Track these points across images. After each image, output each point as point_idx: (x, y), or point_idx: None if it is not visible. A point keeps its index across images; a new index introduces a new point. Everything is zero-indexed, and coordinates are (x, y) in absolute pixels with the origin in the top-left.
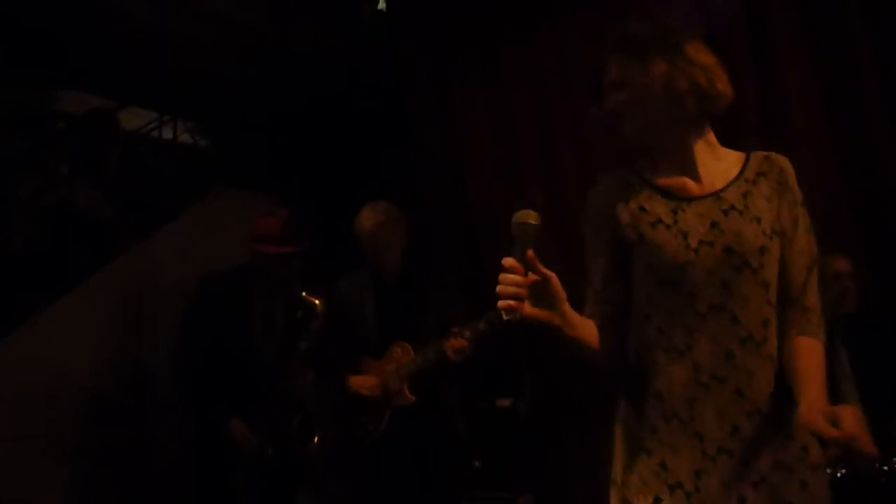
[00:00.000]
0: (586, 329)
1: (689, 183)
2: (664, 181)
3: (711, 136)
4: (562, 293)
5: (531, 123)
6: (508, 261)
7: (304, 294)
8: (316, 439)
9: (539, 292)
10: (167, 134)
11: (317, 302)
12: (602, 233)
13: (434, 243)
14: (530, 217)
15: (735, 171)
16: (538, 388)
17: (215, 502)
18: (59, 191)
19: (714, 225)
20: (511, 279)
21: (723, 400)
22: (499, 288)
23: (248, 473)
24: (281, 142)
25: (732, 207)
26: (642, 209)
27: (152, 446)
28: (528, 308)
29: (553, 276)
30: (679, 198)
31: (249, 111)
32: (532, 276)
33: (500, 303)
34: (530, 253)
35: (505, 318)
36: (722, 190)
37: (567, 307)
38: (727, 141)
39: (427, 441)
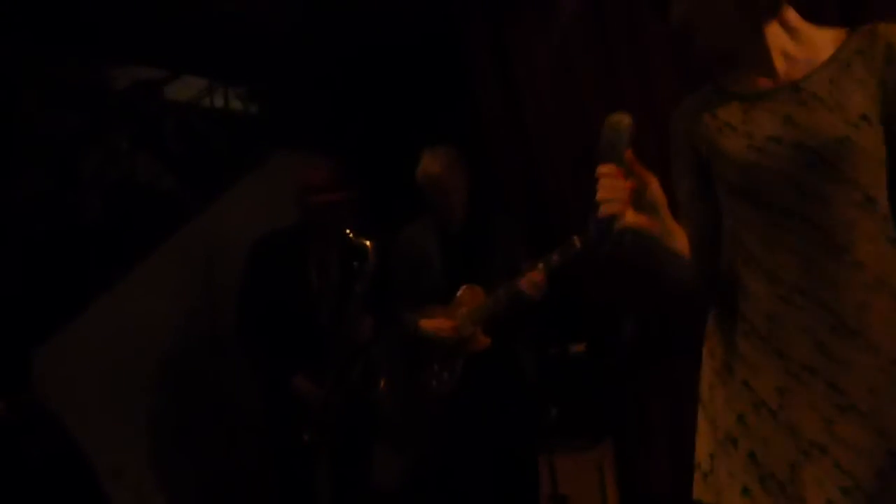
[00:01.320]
0: (685, 242)
1: (762, 79)
2: (739, 83)
3: (792, 19)
4: (662, 197)
5: (591, 59)
6: (605, 168)
7: (353, 237)
8: (382, 384)
9: (639, 197)
10: (218, 102)
11: (367, 243)
12: (684, 153)
13: (494, 190)
14: (624, 119)
15: (825, 55)
16: (637, 322)
17: (292, 461)
18: (121, 166)
19: (787, 119)
20: (611, 184)
21: (805, 315)
22: (599, 195)
23: (318, 429)
24: (334, 99)
25: (814, 96)
26: (716, 118)
27: (230, 408)
28: (629, 216)
29: (654, 178)
30: (752, 96)
31: (299, 71)
32: (631, 182)
33: (603, 208)
34: (629, 154)
35: (615, 227)
36: (802, 79)
37: (668, 213)
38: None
39: (502, 388)
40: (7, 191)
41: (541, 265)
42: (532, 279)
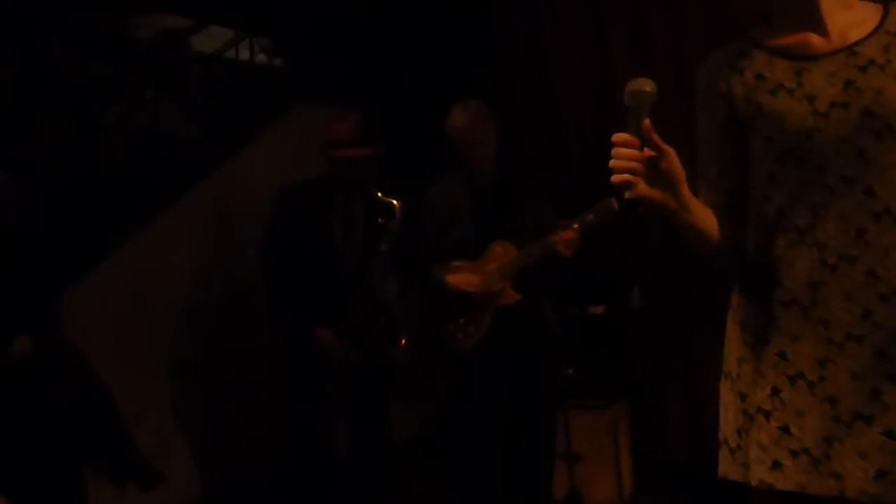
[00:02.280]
0: (705, 217)
1: (814, 38)
2: (784, 41)
3: None
4: (681, 172)
5: (620, 17)
6: (620, 136)
7: (380, 195)
8: (403, 342)
9: (655, 170)
10: (244, 55)
11: (395, 202)
12: (715, 113)
13: (519, 148)
14: (645, 84)
15: (873, 23)
16: (652, 280)
17: (310, 411)
18: (145, 114)
19: (849, 84)
20: (626, 153)
21: (852, 282)
22: (612, 162)
23: (338, 381)
24: (358, 54)
25: (872, 62)
26: (760, 77)
27: (248, 357)
28: (643, 187)
29: (671, 151)
30: (803, 57)
31: (324, 24)
32: (648, 152)
33: (615, 177)
34: (647, 123)
35: (626, 196)
36: (857, 43)
37: (685, 189)
38: None
39: (526, 345)
40: (33, 138)
41: (576, 224)
42: (566, 237)
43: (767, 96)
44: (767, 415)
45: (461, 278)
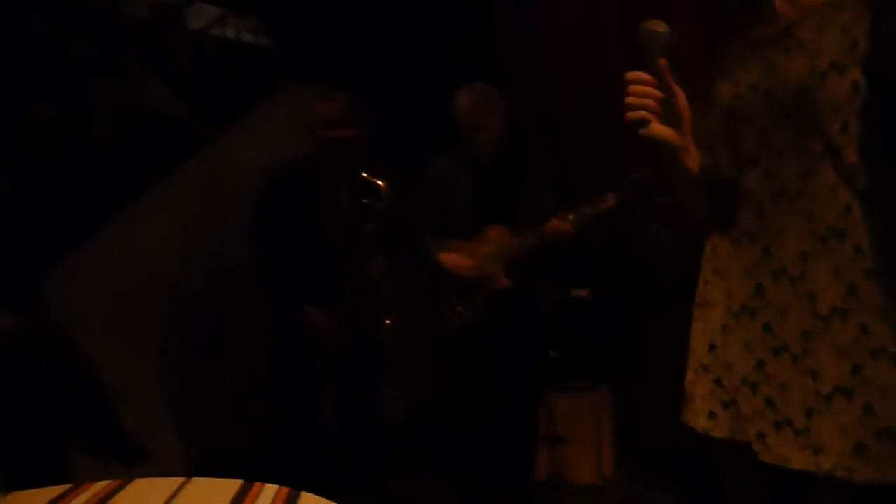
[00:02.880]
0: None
1: (766, 24)
2: (761, 29)
3: None
4: (687, 112)
5: (614, 8)
6: (634, 74)
7: (366, 175)
8: (387, 322)
9: (666, 108)
10: (230, 34)
11: (380, 183)
12: (711, 95)
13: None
14: (659, 25)
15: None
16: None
17: (298, 391)
18: (133, 92)
19: (770, 67)
20: (642, 90)
21: (750, 258)
22: (629, 99)
23: (326, 361)
24: (346, 33)
25: (798, 43)
26: (728, 63)
27: (235, 337)
28: (655, 125)
29: (680, 91)
30: (758, 43)
31: (317, 4)
32: (661, 91)
33: (631, 113)
34: (663, 61)
35: (641, 132)
36: (796, 24)
37: (688, 129)
38: None
39: (516, 328)
40: (19, 113)
41: (571, 216)
42: (560, 228)
43: (721, 79)
44: (706, 369)
45: (454, 259)
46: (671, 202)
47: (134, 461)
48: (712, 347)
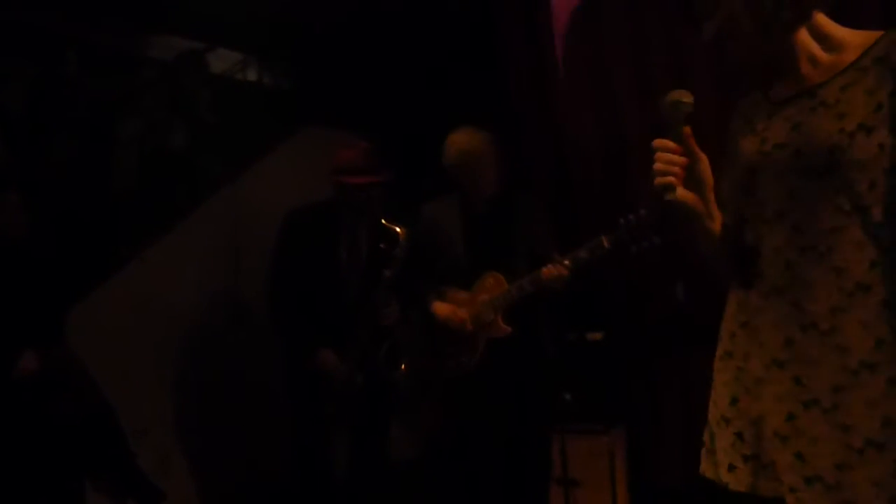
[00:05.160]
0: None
1: (789, 85)
2: (778, 88)
3: (824, 25)
4: (710, 178)
5: (625, 53)
6: (661, 141)
7: (385, 223)
8: (403, 367)
9: (689, 174)
10: (251, 76)
11: (399, 230)
12: (731, 151)
13: (522, 171)
14: (684, 95)
15: (849, 60)
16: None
17: (311, 432)
18: (156, 133)
19: (796, 126)
20: (668, 157)
21: (779, 312)
22: (656, 165)
23: (339, 403)
24: (364, 77)
25: (823, 103)
26: (747, 120)
27: (251, 376)
28: (680, 190)
29: (704, 157)
30: (779, 101)
31: (331, 49)
32: (685, 158)
33: (659, 179)
34: (687, 129)
35: (667, 197)
36: (820, 85)
37: (712, 194)
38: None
39: (521, 373)
40: (45, 152)
41: (567, 261)
42: (556, 274)
43: (741, 137)
44: (728, 421)
45: (451, 310)
46: (696, 263)
47: (150, 502)
48: (735, 400)
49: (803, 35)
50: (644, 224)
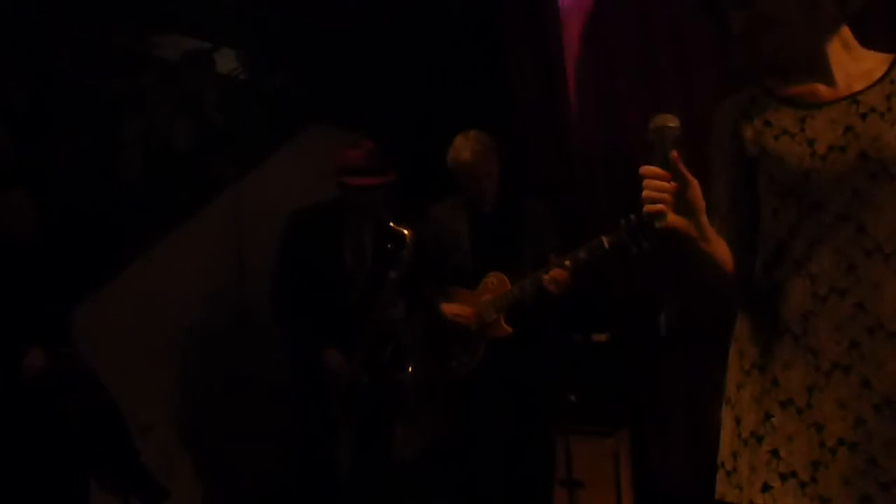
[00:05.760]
0: (718, 246)
1: (821, 88)
2: (793, 90)
3: (849, 37)
4: (701, 202)
5: (630, 54)
6: (648, 168)
7: (392, 224)
8: (409, 368)
9: (679, 199)
10: (257, 76)
11: (406, 232)
12: (726, 154)
13: (526, 176)
14: (669, 120)
15: (880, 73)
16: (680, 304)
17: (315, 431)
18: (162, 132)
19: (848, 129)
20: (656, 184)
21: (841, 314)
22: (645, 193)
23: (344, 403)
24: (370, 77)
25: (873, 110)
26: (767, 123)
27: (255, 375)
28: (671, 216)
29: (695, 181)
30: (809, 105)
31: (337, 48)
32: (673, 183)
33: (648, 206)
34: (674, 154)
35: (657, 224)
36: (860, 92)
37: (704, 218)
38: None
39: (522, 373)
40: (51, 152)
41: (567, 262)
42: (557, 276)
43: (772, 140)
44: (760, 439)
45: (455, 309)
46: (693, 285)
47: (154, 500)
48: (768, 416)
49: (836, 43)
50: (644, 225)
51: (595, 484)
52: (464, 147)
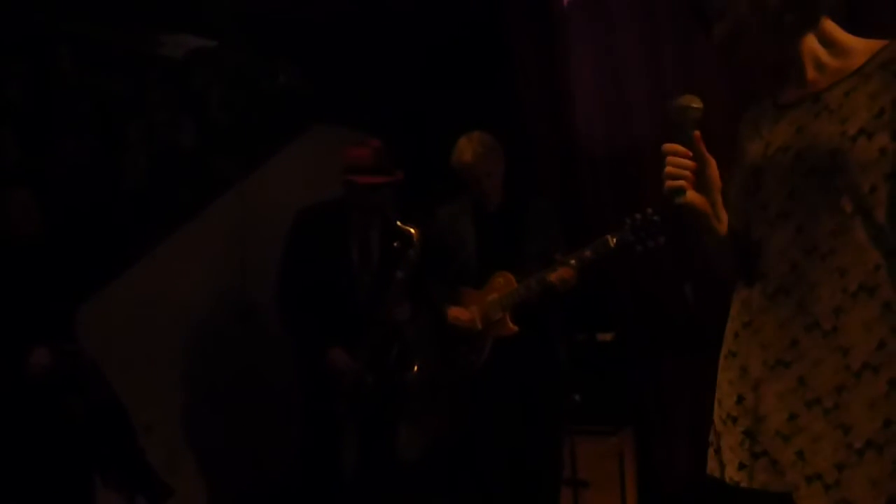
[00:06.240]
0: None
1: (793, 90)
2: (786, 93)
3: (832, 32)
4: (718, 181)
5: (636, 59)
6: (671, 146)
7: (399, 223)
8: (415, 368)
9: (699, 177)
10: (262, 74)
11: (412, 231)
12: (740, 154)
13: (531, 173)
14: (693, 101)
15: (855, 67)
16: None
17: (320, 430)
18: (166, 131)
19: (799, 130)
20: (679, 161)
21: (784, 312)
22: (668, 169)
23: (349, 402)
24: (375, 77)
25: (827, 108)
26: (755, 125)
27: (258, 374)
28: (690, 193)
29: (713, 161)
30: (785, 106)
31: (342, 48)
32: (694, 161)
33: (670, 182)
34: (697, 134)
35: (678, 200)
36: (825, 90)
37: (720, 197)
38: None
39: (528, 372)
40: (54, 152)
41: (573, 261)
42: (562, 274)
43: (748, 141)
44: (734, 420)
45: (458, 312)
46: (701, 263)
47: (159, 498)
48: (741, 399)
49: (811, 40)
50: (650, 224)
51: (600, 483)
52: (466, 148)
